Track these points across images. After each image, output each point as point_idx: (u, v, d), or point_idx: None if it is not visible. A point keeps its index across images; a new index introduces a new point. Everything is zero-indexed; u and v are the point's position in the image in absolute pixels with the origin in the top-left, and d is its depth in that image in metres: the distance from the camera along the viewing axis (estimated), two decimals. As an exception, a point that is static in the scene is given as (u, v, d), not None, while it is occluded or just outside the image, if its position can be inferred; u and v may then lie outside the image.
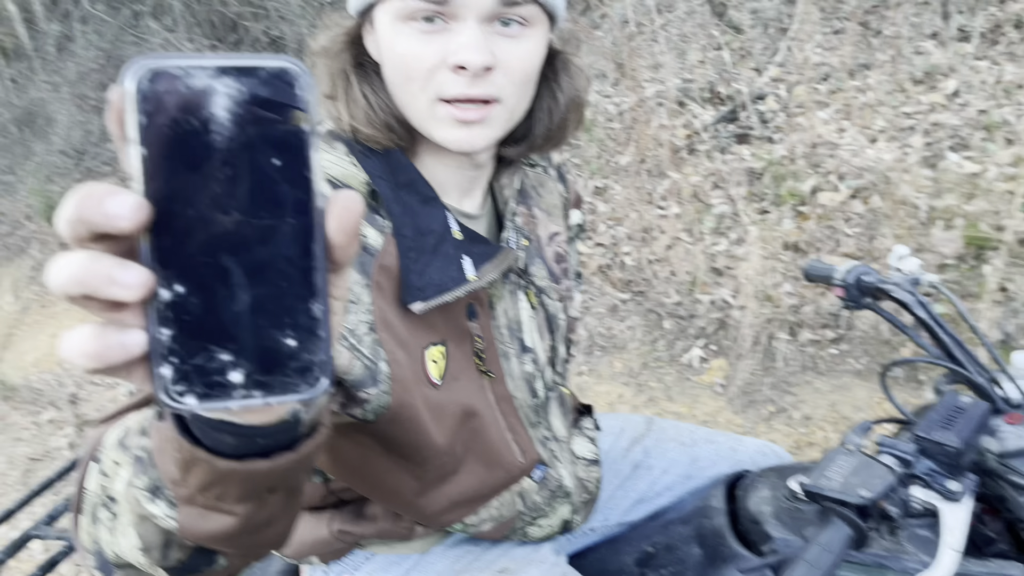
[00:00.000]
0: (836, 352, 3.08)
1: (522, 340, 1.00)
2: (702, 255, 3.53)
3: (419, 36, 0.79)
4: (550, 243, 1.07)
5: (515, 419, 1.00)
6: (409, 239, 0.84)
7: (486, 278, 0.87)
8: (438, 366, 0.89)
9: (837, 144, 3.91)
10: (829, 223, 3.42)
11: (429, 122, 0.84)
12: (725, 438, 1.35)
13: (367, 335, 0.81)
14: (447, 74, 0.80)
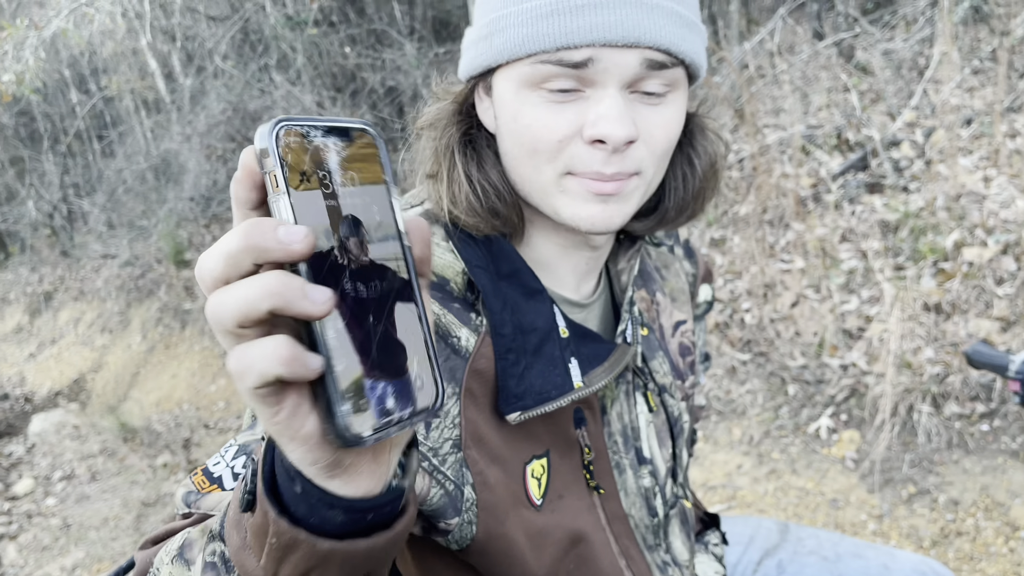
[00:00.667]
0: (987, 428, 2.75)
1: (639, 449, 0.86)
2: (830, 314, 3.27)
3: (549, 105, 0.70)
4: (675, 334, 0.94)
5: (630, 542, 0.85)
6: (508, 338, 0.73)
7: (595, 384, 0.75)
8: (539, 483, 0.76)
9: (983, 194, 3.58)
10: (976, 282, 3.10)
11: (556, 198, 0.73)
12: (875, 553, 1.16)
13: (451, 454, 0.70)
14: (581, 147, 0.70)
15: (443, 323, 0.72)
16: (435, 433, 0.70)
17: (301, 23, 7.32)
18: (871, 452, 2.83)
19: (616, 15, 0.66)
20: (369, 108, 7.60)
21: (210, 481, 0.68)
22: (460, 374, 0.71)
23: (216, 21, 8.35)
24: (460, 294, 0.75)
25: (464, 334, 0.73)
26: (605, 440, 0.83)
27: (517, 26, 0.69)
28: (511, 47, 0.69)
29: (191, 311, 7.11)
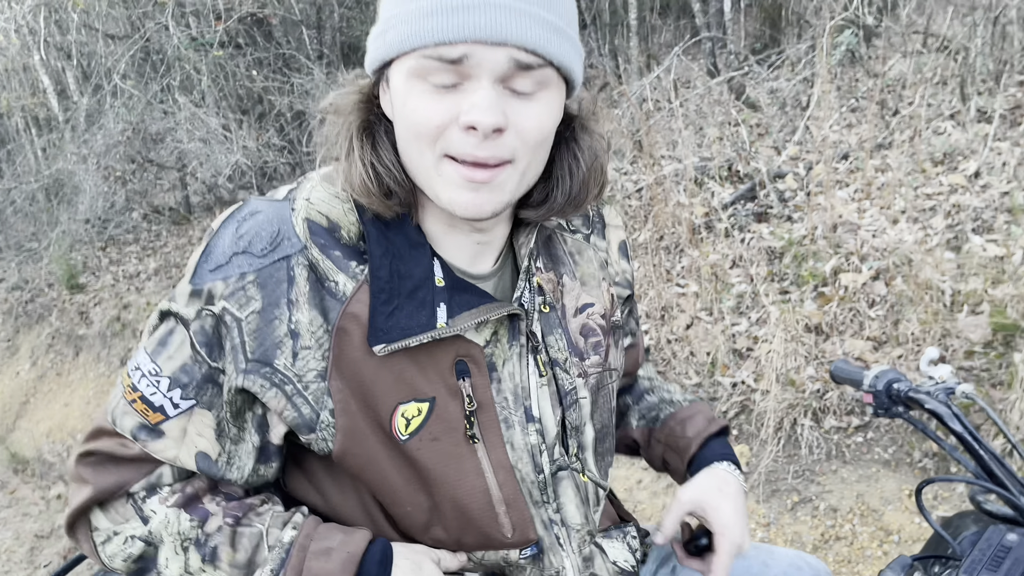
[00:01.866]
0: (862, 440, 2.98)
1: (528, 408, 0.93)
2: (722, 335, 3.47)
3: (432, 94, 0.78)
4: (577, 315, 1.00)
5: (515, 492, 0.92)
6: (383, 280, 0.83)
7: (458, 327, 0.84)
8: (409, 423, 0.86)
9: (858, 224, 3.88)
10: (852, 305, 3.36)
11: (435, 181, 0.82)
12: (756, 551, 1.27)
13: (314, 382, 0.83)
14: (457, 133, 0.78)
15: (321, 268, 0.84)
16: (301, 363, 0.82)
17: (206, 44, 7.21)
18: (759, 464, 3.02)
19: (487, 16, 0.75)
20: (277, 132, 7.53)
21: (152, 410, 0.83)
22: (334, 315, 0.83)
23: (116, 40, 8.13)
24: (349, 242, 0.86)
25: (341, 279, 0.84)
26: (493, 395, 0.90)
27: (404, 23, 0.77)
28: (399, 43, 0.78)
29: (85, 337, 6.84)
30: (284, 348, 0.82)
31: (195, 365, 0.84)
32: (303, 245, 0.84)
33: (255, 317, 0.82)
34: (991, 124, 4.29)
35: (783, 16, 7.66)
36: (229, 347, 0.82)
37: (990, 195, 3.84)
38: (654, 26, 10.73)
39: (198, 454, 0.86)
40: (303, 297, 0.82)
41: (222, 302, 0.83)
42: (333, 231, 0.85)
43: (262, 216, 0.86)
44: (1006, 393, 2.73)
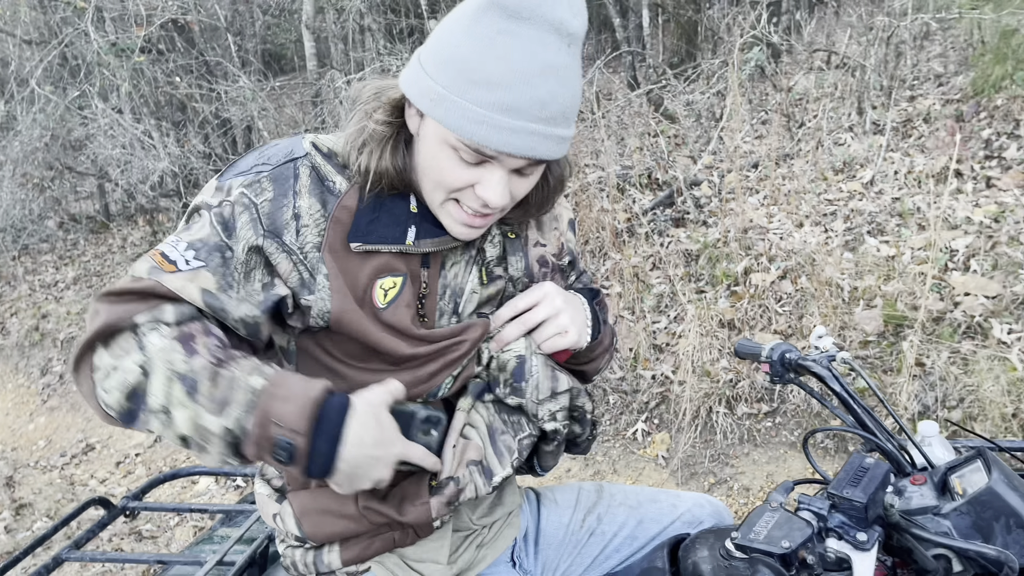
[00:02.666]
0: (771, 424, 3.23)
1: (457, 304, 1.13)
2: (644, 332, 3.69)
3: (459, 163, 0.97)
4: (536, 246, 1.22)
5: None
6: (373, 193, 1.04)
7: (421, 248, 1.05)
8: (386, 293, 1.05)
9: (767, 228, 4.17)
10: (761, 302, 3.63)
11: (439, 210, 1.03)
12: (666, 496, 1.45)
13: (312, 251, 1.01)
14: (470, 195, 0.99)
15: (323, 170, 1.04)
16: (302, 238, 1.01)
17: (127, 50, 7.10)
18: (678, 450, 3.23)
19: (521, 140, 0.93)
20: (201, 140, 7.48)
21: (168, 262, 0.97)
22: (331, 206, 1.02)
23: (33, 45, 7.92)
24: (344, 162, 1.05)
25: (338, 180, 1.04)
26: (438, 286, 1.11)
27: (460, 112, 0.93)
28: (449, 122, 0.94)
29: (3, 348, 6.65)
30: (290, 227, 1.01)
31: (211, 237, 1.00)
32: (307, 152, 1.05)
33: (267, 204, 1.00)
34: (884, 136, 4.67)
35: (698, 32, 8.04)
36: (245, 222, 0.99)
37: (883, 201, 4.19)
38: (576, 39, 11.00)
39: (203, 290, 0.97)
40: (305, 188, 1.02)
41: (240, 189, 1.01)
42: (332, 154, 1.06)
43: (279, 145, 1.07)
44: (896, 378, 3.01)
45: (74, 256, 8.27)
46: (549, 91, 0.92)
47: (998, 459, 1.10)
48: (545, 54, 0.91)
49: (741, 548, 0.91)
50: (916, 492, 1.12)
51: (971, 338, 3.10)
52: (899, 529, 1.02)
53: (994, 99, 4.68)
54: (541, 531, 1.37)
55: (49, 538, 1.54)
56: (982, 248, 3.51)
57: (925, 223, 3.79)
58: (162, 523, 3.63)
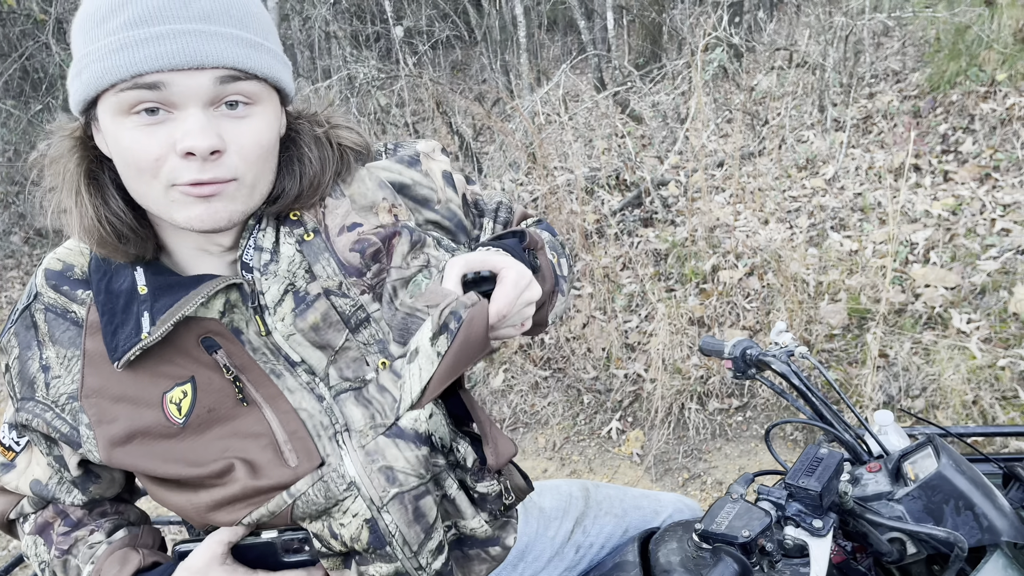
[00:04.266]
0: (742, 419, 3.30)
1: (287, 356, 0.94)
2: (616, 332, 3.75)
3: (143, 128, 0.81)
4: (345, 232, 0.97)
5: (298, 427, 0.94)
6: (103, 303, 0.91)
7: (160, 330, 0.86)
8: (180, 407, 0.91)
9: (733, 226, 4.25)
10: (729, 299, 3.70)
11: (168, 208, 0.85)
12: (649, 501, 1.46)
13: (68, 403, 0.92)
14: (177, 161, 0.81)
15: (58, 305, 0.94)
16: (53, 390, 0.93)
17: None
18: (652, 447, 3.29)
19: (178, 44, 0.78)
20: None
21: (6, 448, 1.01)
22: (79, 340, 0.93)
23: (-9, 58, 7.82)
24: (82, 276, 0.95)
25: (76, 308, 0.94)
26: (251, 356, 0.93)
27: (97, 61, 0.79)
28: (96, 80, 0.80)
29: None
30: (39, 382, 0.94)
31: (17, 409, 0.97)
32: (36, 292, 0.96)
33: (16, 363, 0.95)
34: (845, 133, 4.77)
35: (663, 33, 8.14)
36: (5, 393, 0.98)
37: (845, 197, 4.28)
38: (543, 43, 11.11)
39: (32, 481, 1.01)
40: (47, 337, 0.94)
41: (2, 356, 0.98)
42: (66, 271, 0.96)
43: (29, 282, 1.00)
44: (861, 370, 3.09)
45: (41, 271, 8.16)
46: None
47: (947, 445, 1.16)
48: None
49: (704, 538, 0.95)
50: (871, 479, 1.18)
51: (932, 328, 3.19)
52: (854, 515, 1.07)
53: (949, 95, 4.81)
54: (529, 548, 1.31)
55: None
56: (941, 240, 3.61)
57: (885, 217, 3.88)
58: None
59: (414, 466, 0.94)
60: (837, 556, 1.19)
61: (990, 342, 3.00)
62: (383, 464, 0.93)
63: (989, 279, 3.25)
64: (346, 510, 0.94)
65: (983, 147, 4.26)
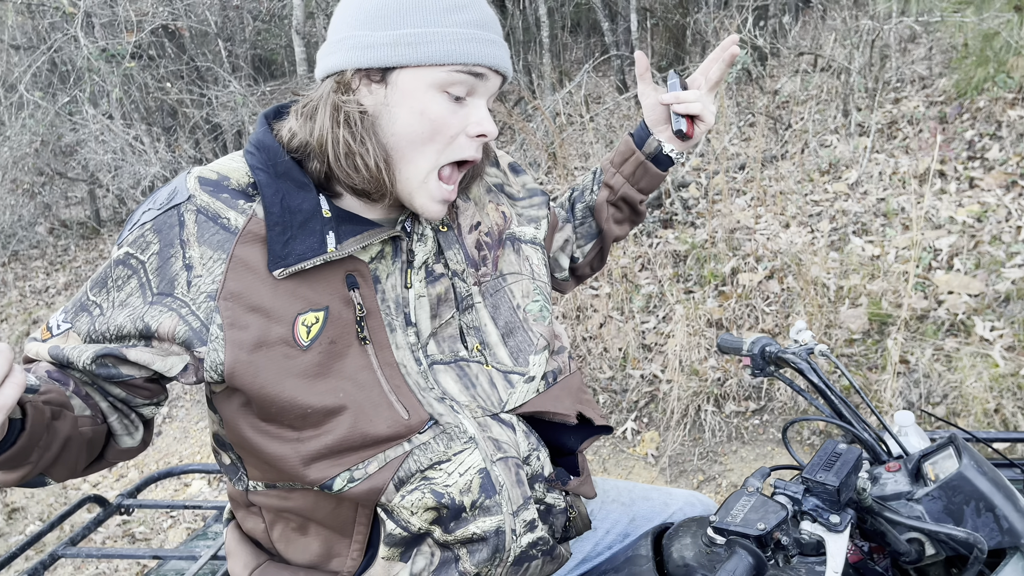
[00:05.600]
0: (758, 422, 3.27)
1: (407, 314, 1.06)
2: (633, 332, 3.73)
3: (449, 105, 0.98)
4: (472, 232, 1.15)
5: (401, 383, 1.03)
6: (277, 216, 0.97)
7: (347, 250, 0.97)
8: (310, 330, 0.98)
9: (754, 229, 4.22)
10: (748, 301, 3.67)
11: (418, 189, 1.00)
12: (659, 494, 1.47)
13: (205, 302, 0.95)
14: (465, 140, 1.00)
15: (212, 209, 0.98)
16: (194, 289, 0.95)
17: (117, 56, 7.12)
18: (668, 448, 3.27)
19: (501, 51, 1.00)
20: (192, 146, 7.49)
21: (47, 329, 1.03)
22: (229, 245, 0.97)
23: (21, 50, 7.92)
24: (238, 187, 1.01)
25: (232, 216, 0.98)
26: (378, 303, 1.03)
27: (446, 42, 0.95)
28: (440, 54, 0.95)
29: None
30: (180, 279, 0.96)
31: (80, 297, 1.01)
32: (189, 195, 0.99)
33: (155, 258, 0.97)
34: (869, 138, 4.72)
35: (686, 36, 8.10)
36: (132, 288, 0.97)
37: (868, 202, 4.24)
38: (565, 44, 11.10)
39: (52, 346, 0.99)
40: (193, 237, 0.97)
41: (126, 248, 0.98)
42: (221, 181, 1.01)
43: (166, 185, 1.04)
44: (880, 375, 3.06)
45: (65, 262, 8.26)
46: (488, 8, 1.00)
47: (969, 446, 1.14)
48: None
49: (719, 530, 0.94)
50: (891, 479, 1.16)
51: (954, 335, 3.15)
52: (872, 513, 1.06)
53: (976, 101, 4.75)
54: None
55: (45, 535, 1.57)
56: (965, 247, 3.57)
57: (909, 223, 3.84)
58: (155, 525, 3.64)
59: (515, 445, 1.09)
60: (854, 556, 1.18)
61: (1013, 350, 2.95)
62: (490, 436, 1.07)
63: (1014, 287, 3.21)
64: (462, 461, 1.05)
65: (1010, 154, 4.21)
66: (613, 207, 1.43)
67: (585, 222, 1.45)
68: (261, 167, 1.01)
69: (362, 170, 0.98)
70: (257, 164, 1.01)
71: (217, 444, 1.13)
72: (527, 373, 1.14)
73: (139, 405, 1.05)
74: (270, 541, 1.14)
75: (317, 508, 1.06)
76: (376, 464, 1.01)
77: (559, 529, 1.18)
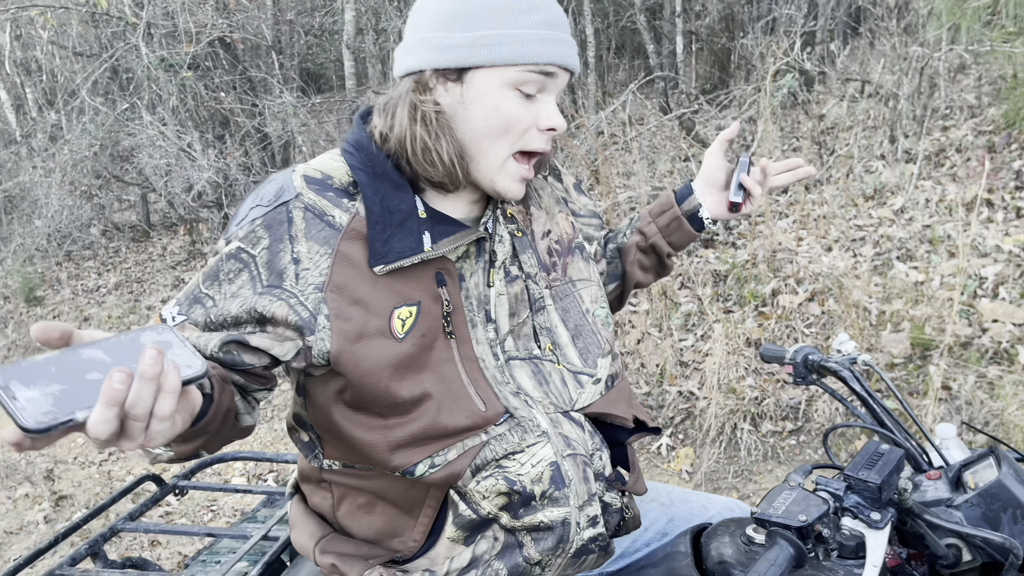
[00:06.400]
0: (795, 443, 3.27)
1: (488, 311, 1.13)
2: (670, 349, 3.75)
3: (522, 102, 1.04)
4: (543, 238, 1.23)
5: (479, 376, 1.10)
6: (377, 215, 1.04)
7: (441, 250, 1.04)
8: (404, 323, 1.05)
9: (795, 251, 4.22)
10: (788, 323, 3.67)
11: (498, 173, 1.07)
12: (698, 497, 1.50)
13: (313, 293, 1.01)
14: (535, 133, 1.06)
15: (318, 206, 1.04)
16: (302, 282, 1.01)
17: (175, 66, 7.35)
18: (702, 465, 3.28)
19: (571, 50, 1.05)
20: (242, 154, 7.68)
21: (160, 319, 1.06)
22: (334, 241, 1.03)
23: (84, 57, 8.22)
24: (341, 186, 1.06)
25: (337, 213, 1.04)
26: (462, 300, 1.10)
27: (519, 43, 1.01)
28: (515, 55, 1.01)
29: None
30: (288, 272, 1.01)
31: (193, 289, 1.04)
32: (297, 192, 1.04)
33: (265, 252, 1.02)
34: (916, 165, 4.70)
35: (731, 60, 8.13)
36: (244, 281, 1.02)
37: (914, 228, 4.22)
38: (610, 64, 11.18)
39: None
40: (301, 232, 1.02)
41: (236, 243, 1.03)
42: (325, 179, 1.07)
43: (274, 180, 1.08)
44: (922, 400, 3.04)
45: (116, 263, 8.50)
46: (558, 7, 1.06)
47: (1008, 456, 1.16)
48: None
49: (760, 521, 0.97)
50: (931, 486, 1.18)
51: (997, 363, 3.12)
52: (912, 515, 1.08)
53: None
54: None
55: (105, 510, 1.64)
56: (1011, 276, 3.53)
57: (955, 250, 3.81)
58: (196, 518, 3.73)
59: (583, 443, 1.15)
60: (892, 560, 1.20)
61: (1059, 380, 2.92)
62: (562, 432, 1.13)
63: (1061, 317, 3.17)
64: (534, 453, 1.10)
65: (1060, 185, 4.16)
66: (641, 252, 1.47)
67: (613, 262, 1.50)
68: (361, 167, 1.07)
69: (437, 164, 1.04)
70: (357, 164, 1.07)
71: (297, 423, 1.18)
72: (595, 375, 1.20)
73: (254, 391, 1.10)
74: (335, 516, 1.19)
75: (390, 488, 1.12)
76: (455, 452, 1.07)
77: (612, 527, 1.22)
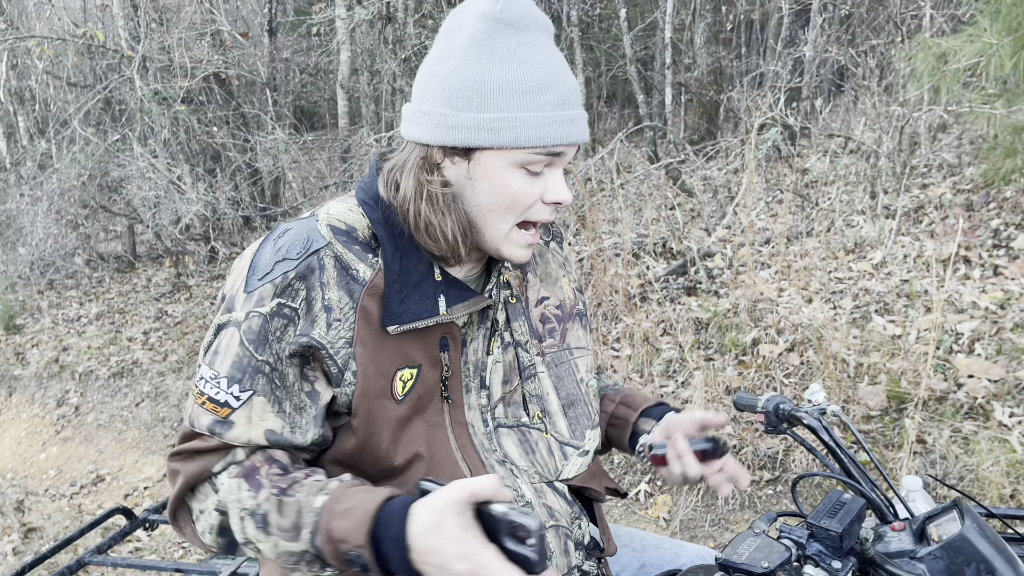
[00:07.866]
0: (772, 492, 3.27)
1: (483, 377, 1.14)
2: (651, 395, 3.75)
3: (528, 179, 1.04)
4: (537, 306, 1.24)
5: (467, 442, 1.12)
6: (395, 273, 1.05)
7: (455, 315, 1.06)
8: (405, 385, 1.06)
9: (776, 301, 4.26)
10: (768, 372, 3.70)
11: (503, 243, 1.08)
12: (670, 544, 1.51)
13: (343, 348, 1.02)
14: (541, 206, 1.06)
15: (345, 259, 1.04)
16: (333, 332, 1.01)
17: (168, 99, 7.42)
18: (679, 513, 3.27)
19: (579, 127, 1.04)
20: (232, 188, 7.72)
21: (220, 406, 1.01)
22: (357, 295, 1.03)
23: (78, 88, 8.28)
24: (364, 239, 1.07)
25: (361, 268, 1.04)
26: (461, 365, 1.11)
27: (528, 127, 1.00)
28: (523, 139, 1.00)
29: (20, 377, 6.77)
30: (320, 320, 1.01)
31: (244, 359, 1.00)
32: (328, 241, 1.04)
33: (304, 303, 1.01)
34: (895, 220, 4.79)
35: (719, 112, 8.28)
36: (279, 327, 1.01)
37: (892, 282, 4.28)
38: (600, 112, 11.36)
39: (267, 431, 1.02)
40: (332, 280, 1.02)
41: (274, 300, 1.00)
42: (351, 232, 1.07)
43: (293, 231, 1.06)
44: (897, 453, 3.06)
45: (99, 293, 8.46)
46: (570, 80, 1.05)
47: (972, 510, 1.18)
48: (552, 51, 1.04)
49: (724, 567, 0.98)
50: (895, 537, 1.20)
51: (973, 419, 3.15)
52: (874, 564, 1.09)
53: (1004, 191, 4.81)
54: None
55: (73, 542, 1.63)
56: (987, 332, 3.58)
57: (931, 305, 3.87)
58: (166, 554, 3.67)
59: (565, 514, 1.18)
60: (856, 610, 1.21)
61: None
62: (545, 502, 1.15)
63: (1034, 374, 3.22)
64: None
65: (1035, 244, 4.24)
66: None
67: None
68: (380, 223, 1.07)
69: (440, 240, 1.05)
70: (376, 219, 1.08)
71: None
72: (582, 447, 1.23)
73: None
74: None
75: None
76: None
77: None
